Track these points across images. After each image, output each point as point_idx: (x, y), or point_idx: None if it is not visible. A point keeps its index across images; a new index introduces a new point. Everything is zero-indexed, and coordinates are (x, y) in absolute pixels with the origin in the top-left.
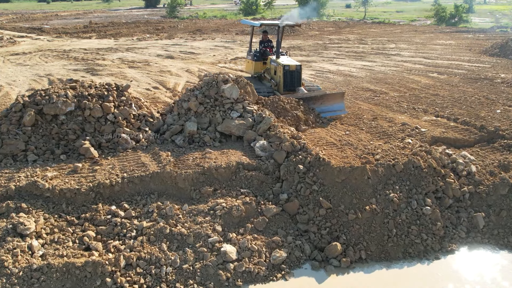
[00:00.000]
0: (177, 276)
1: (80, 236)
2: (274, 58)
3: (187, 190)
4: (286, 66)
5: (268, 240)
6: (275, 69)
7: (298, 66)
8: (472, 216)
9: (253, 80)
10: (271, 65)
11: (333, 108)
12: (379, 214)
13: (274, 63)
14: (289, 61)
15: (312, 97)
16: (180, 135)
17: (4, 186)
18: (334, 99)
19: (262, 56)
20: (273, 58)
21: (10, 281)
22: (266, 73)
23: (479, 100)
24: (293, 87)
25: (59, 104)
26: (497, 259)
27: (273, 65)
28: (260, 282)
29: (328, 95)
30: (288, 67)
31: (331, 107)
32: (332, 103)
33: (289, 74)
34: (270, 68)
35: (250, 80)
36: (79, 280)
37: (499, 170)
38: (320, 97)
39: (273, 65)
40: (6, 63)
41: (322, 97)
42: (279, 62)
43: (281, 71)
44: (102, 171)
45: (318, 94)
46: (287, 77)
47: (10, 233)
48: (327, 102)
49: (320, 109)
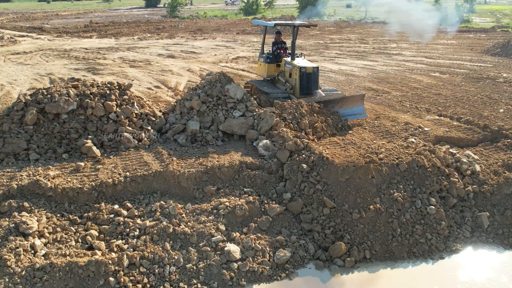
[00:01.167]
0: (180, 275)
1: (83, 235)
2: (288, 60)
3: (190, 189)
4: (302, 68)
5: (271, 239)
6: (290, 72)
7: (315, 68)
8: (476, 216)
9: (266, 83)
10: (286, 67)
11: (353, 112)
12: (383, 214)
13: (289, 66)
14: (306, 63)
15: (331, 100)
16: (183, 134)
17: (6, 185)
18: (353, 102)
19: (276, 58)
20: (287, 60)
21: (13, 281)
22: (280, 76)
23: (482, 100)
24: (310, 91)
25: (61, 103)
26: (502, 258)
27: (288, 67)
28: (264, 282)
29: (348, 98)
30: (304, 69)
31: (350, 111)
32: (351, 106)
33: (306, 76)
34: (285, 71)
35: (263, 83)
36: (82, 279)
37: (503, 169)
38: (339, 100)
39: (288, 68)
40: (7, 62)
41: (341, 100)
42: (294, 64)
43: (297, 74)
44: (105, 170)
45: (337, 97)
46: (304, 80)
47: (12, 232)
48: (346, 105)
49: (340, 112)
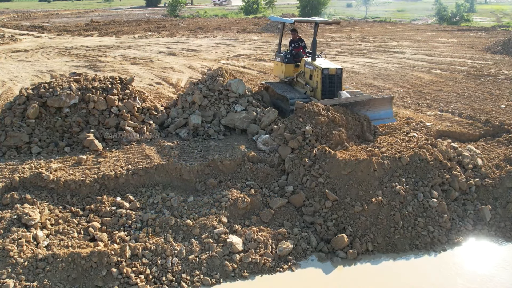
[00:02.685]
0: (183, 267)
1: (85, 227)
2: (309, 60)
3: (192, 182)
4: (325, 69)
5: (274, 231)
6: (311, 73)
7: (338, 70)
8: (478, 209)
9: (283, 85)
10: (306, 68)
11: (380, 116)
12: (386, 206)
13: (310, 66)
14: (328, 64)
15: (356, 102)
16: (184, 128)
17: (8, 177)
18: (381, 105)
19: (294, 58)
20: (307, 60)
21: (16, 271)
22: (300, 78)
23: (483, 96)
24: (332, 95)
25: (63, 97)
26: (504, 251)
27: (308, 68)
28: (267, 273)
29: (375, 100)
30: (327, 70)
31: (378, 114)
32: (379, 110)
33: (329, 79)
34: (305, 72)
35: (280, 85)
36: (84, 270)
37: (505, 163)
38: (366, 103)
39: (308, 69)
40: (8, 59)
41: (368, 102)
42: (316, 65)
43: (318, 76)
44: (107, 163)
45: (364, 98)
46: (326, 83)
47: (15, 223)
48: (373, 108)
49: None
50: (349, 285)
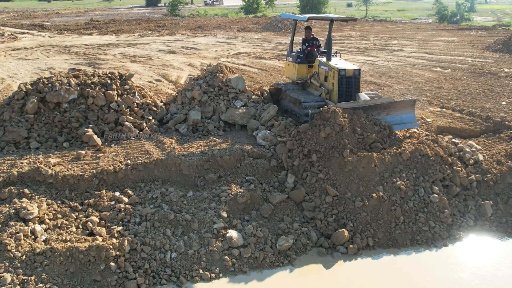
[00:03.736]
0: (182, 261)
1: (84, 222)
2: (323, 60)
3: (192, 177)
4: (341, 70)
5: (273, 227)
6: (326, 75)
7: (356, 71)
8: (480, 204)
9: (295, 87)
10: (320, 69)
11: (402, 120)
12: (386, 202)
13: (325, 67)
14: (345, 64)
15: (377, 106)
16: (184, 124)
17: (6, 172)
18: (403, 108)
19: (307, 58)
20: (322, 60)
21: (13, 265)
22: (313, 79)
23: (484, 93)
24: (350, 97)
25: (62, 92)
26: (505, 247)
27: (323, 69)
28: (267, 268)
29: (397, 103)
30: (344, 71)
31: (399, 118)
32: (400, 113)
33: (346, 80)
34: (319, 73)
35: (292, 87)
36: (82, 264)
37: (507, 159)
38: (386, 106)
39: (323, 69)
40: (7, 57)
41: (388, 105)
42: (332, 66)
43: (335, 78)
44: (106, 158)
45: (384, 101)
46: (343, 85)
47: (12, 218)
48: (394, 112)
49: (386, 120)
50: (349, 280)
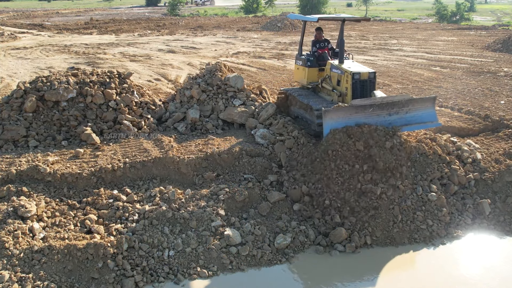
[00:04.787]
0: (180, 259)
1: (82, 220)
2: (336, 63)
3: (190, 175)
4: (355, 74)
5: (271, 225)
6: (339, 78)
7: (371, 74)
8: (478, 203)
9: (307, 92)
10: (333, 72)
11: (422, 118)
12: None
13: (337, 70)
14: (359, 67)
15: (394, 103)
16: (183, 123)
17: (5, 170)
18: (422, 106)
19: (318, 61)
20: (334, 63)
21: (11, 262)
22: (325, 83)
23: (483, 92)
24: None
25: (60, 91)
26: (503, 245)
27: (335, 72)
28: (265, 266)
29: (415, 100)
30: (358, 75)
31: (419, 117)
32: (420, 111)
33: (360, 84)
34: (331, 77)
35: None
36: (80, 262)
37: (505, 157)
38: (405, 103)
39: (335, 73)
40: (7, 56)
41: (407, 103)
42: (344, 69)
43: (348, 82)
44: (104, 157)
45: (402, 98)
46: (357, 89)
47: (11, 215)
48: (413, 110)
49: (405, 119)
50: (347, 278)
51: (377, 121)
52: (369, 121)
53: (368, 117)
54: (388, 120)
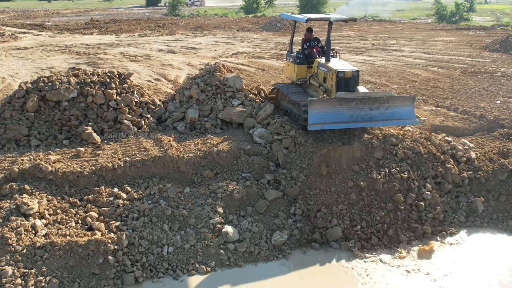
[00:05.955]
0: (178, 255)
1: (83, 217)
2: (322, 61)
3: (189, 174)
4: (340, 72)
5: (269, 222)
6: (325, 76)
7: (355, 72)
8: (471, 201)
9: (296, 88)
10: (319, 70)
11: (401, 115)
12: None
13: (324, 68)
14: (343, 66)
15: (376, 99)
16: (182, 122)
17: (7, 169)
18: (402, 103)
19: (307, 59)
20: (321, 61)
21: (14, 258)
22: (313, 80)
23: (479, 92)
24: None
25: (62, 91)
26: (496, 242)
27: (321, 70)
28: (261, 262)
29: (396, 97)
30: (342, 73)
31: (398, 114)
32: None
33: (344, 82)
34: (318, 74)
35: (291, 88)
36: (81, 258)
37: (499, 157)
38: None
39: (321, 71)
40: (8, 57)
41: (388, 99)
42: (330, 67)
43: (333, 79)
44: (105, 156)
45: (384, 95)
46: (342, 86)
47: (13, 213)
48: (393, 106)
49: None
50: (341, 274)
51: (359, 115)
52: (352, 113)
53: (350, 110)
54: (369, 114)
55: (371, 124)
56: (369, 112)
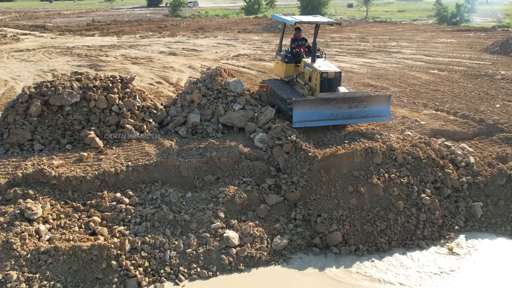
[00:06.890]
0: (180, 260)
1: (86, 222)
2: (308, 61)
3: (190, 179)
4: (324, 73)
5: (269, 227)
6: (310, 75)
7: (337, 73)
8: (470, 206)
9: (283, 85)
10: (305, 69)
11: (378, 113)
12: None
13: (309, 68)
14: (327, 67)
15: (355, 98)
16: (183, 127)
17: (11, 173)
18: (379, 102)
19: (295, 58)
20: (307, 61)
21: (19, 263)
22: (299, 78)
23: (479, 95)
24: None
25: (64, 95)
26: (494, 247)
27: (307, 70)
28: (262, 266)
29: (373, 97)
30: (326, 74)
31: (375, 111)
32: (377, 107)
33: (327, 82)
34: (304, 73)
35: (279, 84)
36: (85, 262)
37: (497, 161)
38: (364, 99)
39: (307, 70)
40: (10, 59)
41: (365, 99)
42: (315, 68)
43: (317, 79)
44: (107, 160)
45: (362, 95)
46: (325, 85)
47: (18, 217)
48: (371, 105)
49: (363, 112)
50: (341, 279)
51: (339, 113)
52: (333, 112)
53: (331, 109)
54: (348, 112)
55: (350, 121)
56: (348, 110)
